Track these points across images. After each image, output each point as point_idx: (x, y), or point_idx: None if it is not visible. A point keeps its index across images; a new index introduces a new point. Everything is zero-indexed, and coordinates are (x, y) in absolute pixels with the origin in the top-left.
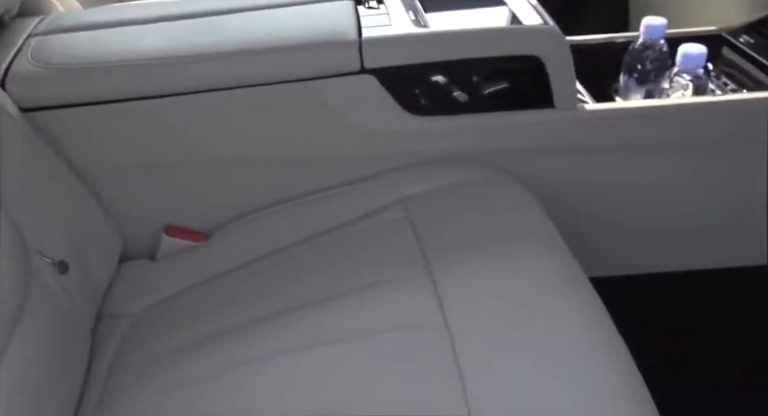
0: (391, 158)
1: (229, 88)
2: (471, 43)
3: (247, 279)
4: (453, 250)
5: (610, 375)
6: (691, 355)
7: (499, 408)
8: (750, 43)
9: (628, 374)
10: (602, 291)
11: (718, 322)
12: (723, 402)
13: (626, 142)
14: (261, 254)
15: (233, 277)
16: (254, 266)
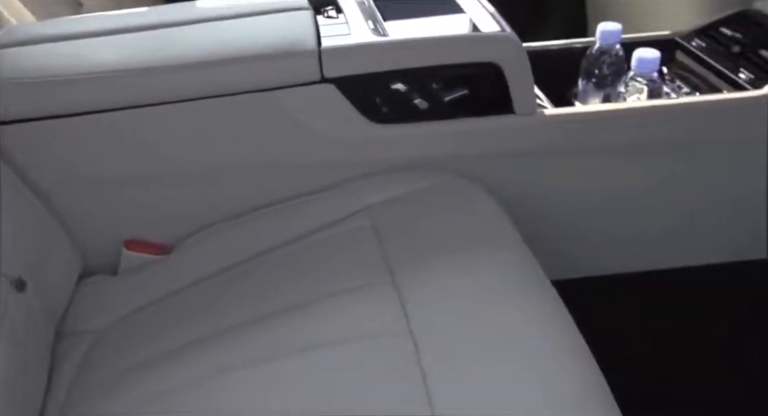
0: (354, 166)
1: (187, 100)
2: (430, 50)
3: (211, 292)
4: (417, 257)
5: (573, 378)
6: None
7: (463, 413)
8: (702, 47)
9: (591, 377)
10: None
11: (679, 321)
12: (691, 401)
13: (585, 145)
14: (224, 266)
15: (197, 290)
16: (218, 278)
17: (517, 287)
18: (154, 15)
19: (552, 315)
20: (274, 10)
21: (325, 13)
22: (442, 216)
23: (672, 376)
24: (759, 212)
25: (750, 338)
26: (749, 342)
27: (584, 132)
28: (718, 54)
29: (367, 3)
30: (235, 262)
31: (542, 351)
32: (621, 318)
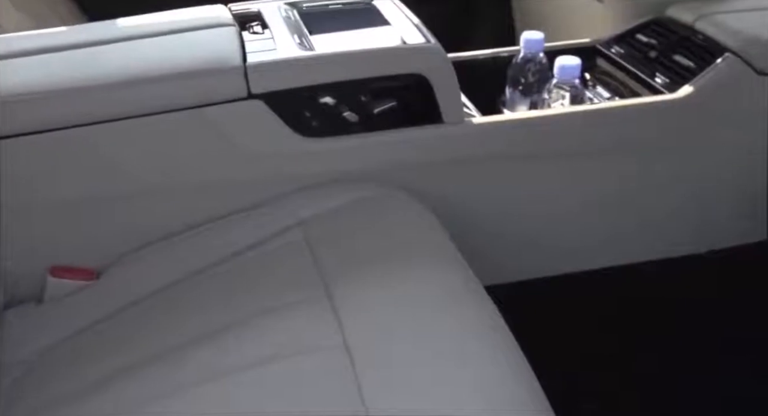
0: (286, 181)
1: (113, 120)
2: (357, 63)
3: (140, 317)
4: (351, 269)
5: (509, 383)
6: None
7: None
8: (620, 54)
9: (526, 380)
10: (501, 298)
11: (614, 320)
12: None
13: (514, 151)
14: (154, 289)
15: (126, 316)
16: (147, 302)
17: (452, 295)
18: (78, 34)
19: (486, 320)
20: (199, 27)
21: (250, 29)
22: (375, 228)
23: (606, 375)
24: (681, 208)
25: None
26: (683, 338)
27: (512, 139)
28: (635, 60)
29: (293, 17)
30: (165, 284)
31: (477, 357)
32: (555, 320)
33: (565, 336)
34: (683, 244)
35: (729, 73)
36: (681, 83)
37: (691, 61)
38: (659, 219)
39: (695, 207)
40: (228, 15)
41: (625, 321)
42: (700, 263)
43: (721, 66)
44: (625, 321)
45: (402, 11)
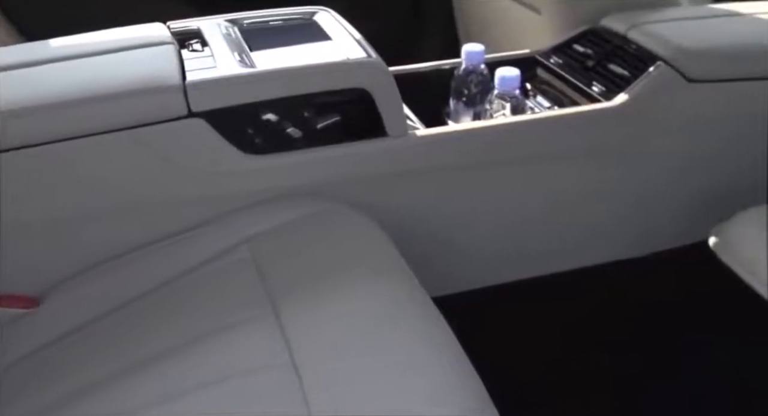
0: (231, 199)
1: (51, 142)
2: (298, 79)
3: (84, 343)
4: (298, 286)
5: (457, 392)
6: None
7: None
8: (559, 63)
9: (474, 390)
10: (450, 308)
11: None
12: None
13: (457, 162)
14: (98, 313)
15: (68, 342)
16: (91, 327)
17: (399, 308)
18: (15, 54)
19: (433, 332)
20: (138, 46)
21: (189, 46)
22: (321, 243)
23: (560, 380)
24: (622, 212)
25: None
26: (637, 339)
27: (455, 150)
28: (573, 69)
29: (234, 34)
30: (109, 308)
31: (425, 368)
32: (506, 327)
33: (516, 342)
34: (627, 247)
35: (660, 81)
36: (616, 91)
37: (626, 70)
38: (602, 224)
39: (636, 211)
40: (167, 33)
41: (577, 325)
42: (644, 266)
43: (653, 74)
44: (577, 325)
45: (343, 26)
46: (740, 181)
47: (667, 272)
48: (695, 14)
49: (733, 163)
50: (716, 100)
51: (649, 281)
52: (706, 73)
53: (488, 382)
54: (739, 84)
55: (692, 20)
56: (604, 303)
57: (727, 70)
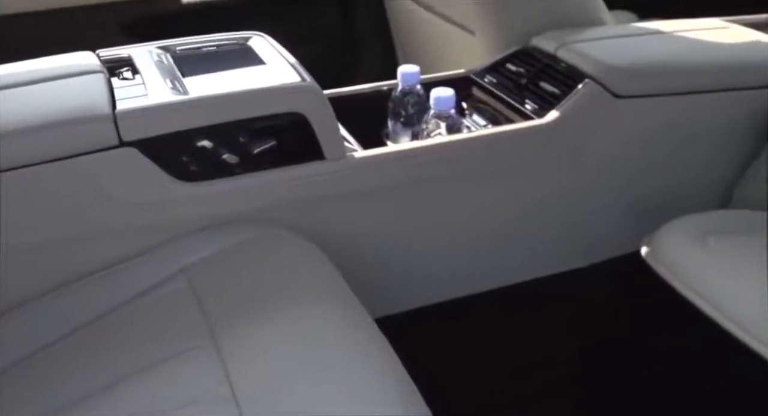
0: (168, 228)
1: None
2: (232, 105)
3: (15, 381)
4: (238, 314)
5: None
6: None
7: None
8: (493, 82)
9: (419, 411)
10: (395, 329)
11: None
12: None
13: (395, 182)
14: (32, 349)
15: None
16: (24, 363)
17: (341, 332)
18: None
19: (377, 356)
20: (66, 75)
21: (120, 75)
22: (261, 269)
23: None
24: (560, 226)
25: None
26: (588, 349)
27: (393, 170)
28: (506, 88)
29: (166, 61)
30: (44, 344)
31: (368, 392)
32: (451, 345)
33: (462, 358)
34: (566, 260)
35: (589, 98)
36: (548, 109)
37: (556, 88)
38: (540, 238)
39: (573, 224)
40: (96, 62)
41: (521, 337)
42: (584, 277)
43: (582, 91)
44: (521, 337)
45: (278, 51)
46: (673, 191)
47: (607, 281)
48: (621, 33)
49: (665, 174)
50: (643, 115)
51: (589, 291)
52: (631, 89)
53: (435, 400)
54: (664, 99)
55: (618, 38)
56: (547, 316)
57: (651, 85)
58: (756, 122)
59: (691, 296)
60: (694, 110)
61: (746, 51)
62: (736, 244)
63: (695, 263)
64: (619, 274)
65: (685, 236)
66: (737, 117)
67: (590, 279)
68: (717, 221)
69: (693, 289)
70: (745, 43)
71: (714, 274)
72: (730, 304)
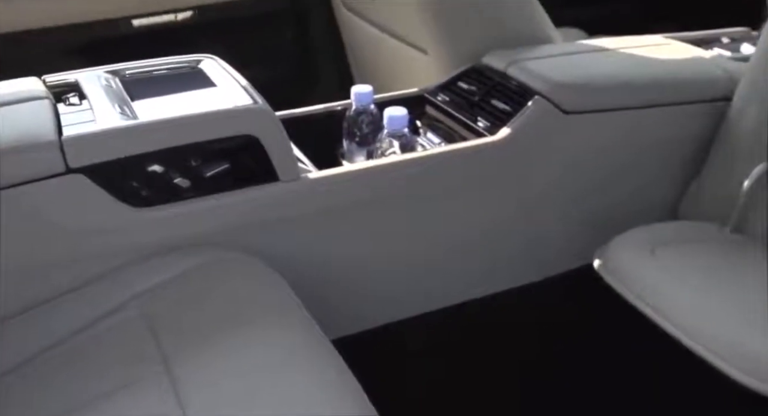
0: (120, 254)
1: None
2: (182, 129)
3: None
4: (191, 341)
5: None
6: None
7: None
8: (446, 101)
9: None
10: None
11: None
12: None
13: (350, 202)
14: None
15: None
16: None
17: (297, 356)
18: None
19: (333, 377)
20: (10, 102)
21: (66, 101)
22: (216, 294)
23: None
24: (515, 241)
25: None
26: (546, 364)
27: (347, 190)
28: (459, 106)
29: (115, 85)
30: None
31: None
32: (404, 363)
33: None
34: (521, 274)
35: (539, 114)
36: (500, 126)
37: (507, 105)
38: (498, 253)
39: (528, 239)
40: (41, 87)
41: (480, 353)
42: (539, 291)
43: (532, 108)
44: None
45: (229, 73)
46: (624, 204)
47: (562, 294)
48: (568, 50)
49: (615, 187)
50: (592, 130)
51: (545, 304)
52: (580, 105)
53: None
54: (611, 114)
55: (566, 56)
56: (504, 330)
57: (599, 101)
58: (699, 135)
59: (641, 306)
60: (640, 125)
61: (687, 67)
62: (683, 254)
63: (644, 273)
64: (573, 286)
65: (635, 247)
66: (682, 131)
67: (545, 293)
68: (666, 233)
69: (643, 299)
70: (686, 59)
71: (662, 284)
72: (678, 313)
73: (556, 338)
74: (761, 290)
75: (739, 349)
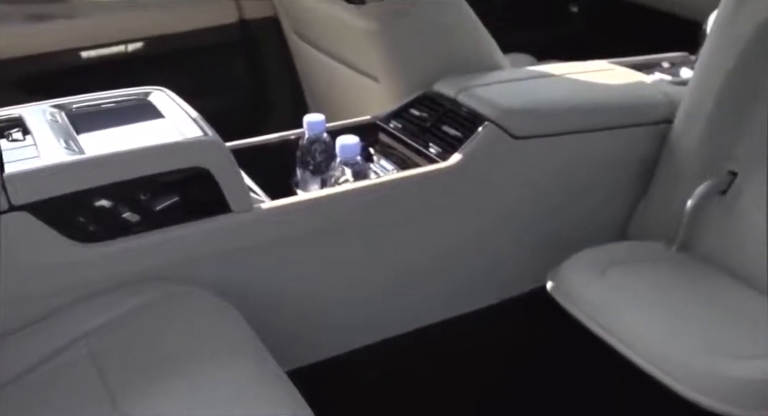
0: (68, 292)
1: None
2: (129, 163)
3: None
4: (141, 380)
5: None
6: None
7: None
8: (399, 128)
9: None
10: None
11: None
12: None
13: (304, 231)
14: None
15: None
16: None
17: (251, 391)
18: None
19: (289, 412)
20: None
21: (9, 136)
22: (168, 329)
23: None
24: (470, 265)
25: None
26: (509, 385)
27: (300, 219)
28: (411, 132)
29: (60, 119)
30: None
31: None
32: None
33: (380, 404)
34: (478, 298)
35: (489, 140)
36: (452, 151)
37: (458, 131)
38: (453, 278)
39: (483, 263)
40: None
41: (437, 378)
42: (495, 314)
43: (482, 134)
44: (437, 378)
45: (179, 105)
46: (575, 226)
47: (518, 316)
48: (516, 76)
49: (567, 210)
50: (541, 154)
51: (501, 327)
52: (528, 130)
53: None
54: (559, 138)
55: (514, 82)
56: (461, 354)
57: (547, 126)
58: (644, 156)
59: (593, 326)
60: (588, 148)
61: (630, 91)
62: (632, 274)
63: (595, 294)
64: (529, 308)
65: (586, 268)
66: (628, 153)
67: (502, 316)
68: (615, 253)
69: (594, 319)
70: (629, 83)
71: (613, 304)
72: (629, 333)
73: (513, 360)
74: (708, 307)
75: (688, 367)
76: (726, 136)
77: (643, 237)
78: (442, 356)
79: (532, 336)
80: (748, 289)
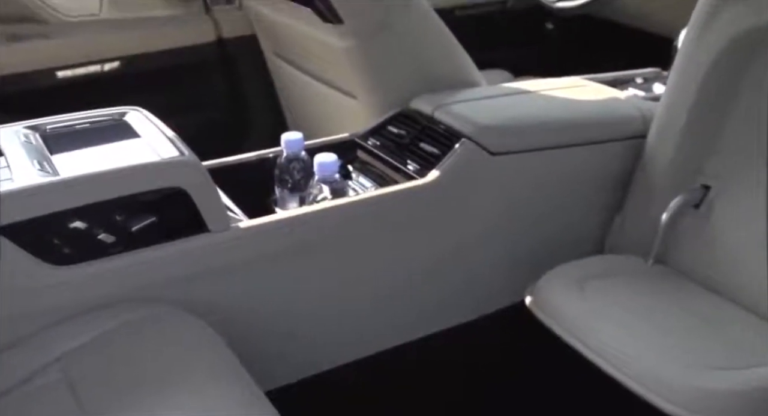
0: (44, 315)
1: None
2: (105, 184)
3: None
4: (117, 404)
5: None
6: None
7: None
8: (377, 145)
9: None
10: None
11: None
12: None
13: (282, 249)
14: None
15: None
16: None
17: (229, 410)
18: None
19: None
20: None
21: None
22: (144, 352)
23: None
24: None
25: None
26: (487, 400)
27: (279, 237)
28: (389, 150)
29: (34, 141)
30: None
31: None
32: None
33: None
34: (457, 314)
35: (466, 156)
36: (429, 168)
37: (435, 148)
38: (433, 294)
39: (462, 279)
40: None
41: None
42: (474, 329)
43: (459, 150)
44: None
45: (155, 125)
46: (553, 241)
47: (497, 332)
48: (492, 93)
49: (544, 225)
50: (518, 170)
51: (480, 343)
52: (505, 146)
53: None
54: (536, 154)
55: (490, 99)
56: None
57: (523, 142)
58: (620, 171)
59: (572, 340)
60: (564, 163)
61: (605, 107)
62: (610, 288)
63: (573, 308)
64: (508, 324)
65: (564, 283)
66: (604, 168)
67: (481, 331)
68: (593, 267)
69: (572, 333)
70: (604, 99)
71: (590, 318)
72: (606, 346)
73: (492, 376)
74: (683, 319)
75: (664, 380)
76: (698, 150)
77: (619, 251)
78: (421, 373)
79: (511, 352)
80: (723, 301)
